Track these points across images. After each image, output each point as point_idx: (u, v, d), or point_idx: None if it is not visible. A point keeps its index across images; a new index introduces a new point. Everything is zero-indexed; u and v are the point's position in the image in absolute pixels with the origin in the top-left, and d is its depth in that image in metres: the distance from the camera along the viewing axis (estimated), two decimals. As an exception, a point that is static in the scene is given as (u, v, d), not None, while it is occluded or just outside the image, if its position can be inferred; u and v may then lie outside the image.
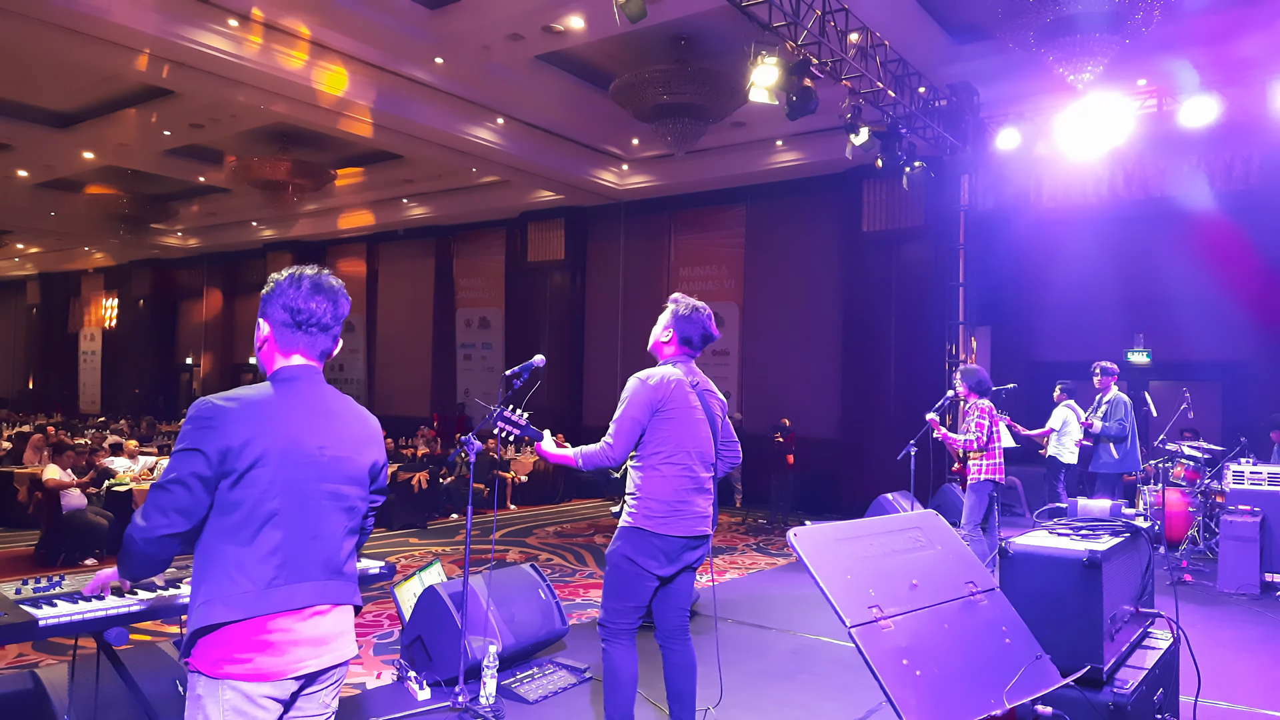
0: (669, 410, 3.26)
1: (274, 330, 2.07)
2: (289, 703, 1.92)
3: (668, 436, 3.26)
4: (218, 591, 1.84)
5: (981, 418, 6.19)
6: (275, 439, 1.92)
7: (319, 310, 2.07)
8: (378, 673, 4.87)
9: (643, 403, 3.24)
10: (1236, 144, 9.70)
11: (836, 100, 8.89)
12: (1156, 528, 7.89)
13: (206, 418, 1.89)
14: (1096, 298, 10.75)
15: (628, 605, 3.29)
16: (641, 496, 3.27)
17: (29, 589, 2.73)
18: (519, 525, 10.63)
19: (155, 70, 9.57)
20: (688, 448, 3.29)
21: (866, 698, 4.30)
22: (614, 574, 3.32)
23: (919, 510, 2.85)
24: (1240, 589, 6.73)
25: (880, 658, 2.01)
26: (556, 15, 9.01)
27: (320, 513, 1.98)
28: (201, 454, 1.86)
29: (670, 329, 3.44)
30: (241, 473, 1.87)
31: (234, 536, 1.87)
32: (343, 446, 2.04)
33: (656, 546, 3.24)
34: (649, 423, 3.25)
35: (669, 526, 3.23)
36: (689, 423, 3.31)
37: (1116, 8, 7.23)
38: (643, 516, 3.25)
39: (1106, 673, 2.50)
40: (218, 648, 1.83)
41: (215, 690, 1.83)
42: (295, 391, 2.03)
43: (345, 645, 2.02)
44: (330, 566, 1.99)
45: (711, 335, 3.47)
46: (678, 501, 3.25)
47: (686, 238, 15.00)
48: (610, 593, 3.33)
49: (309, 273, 2.11)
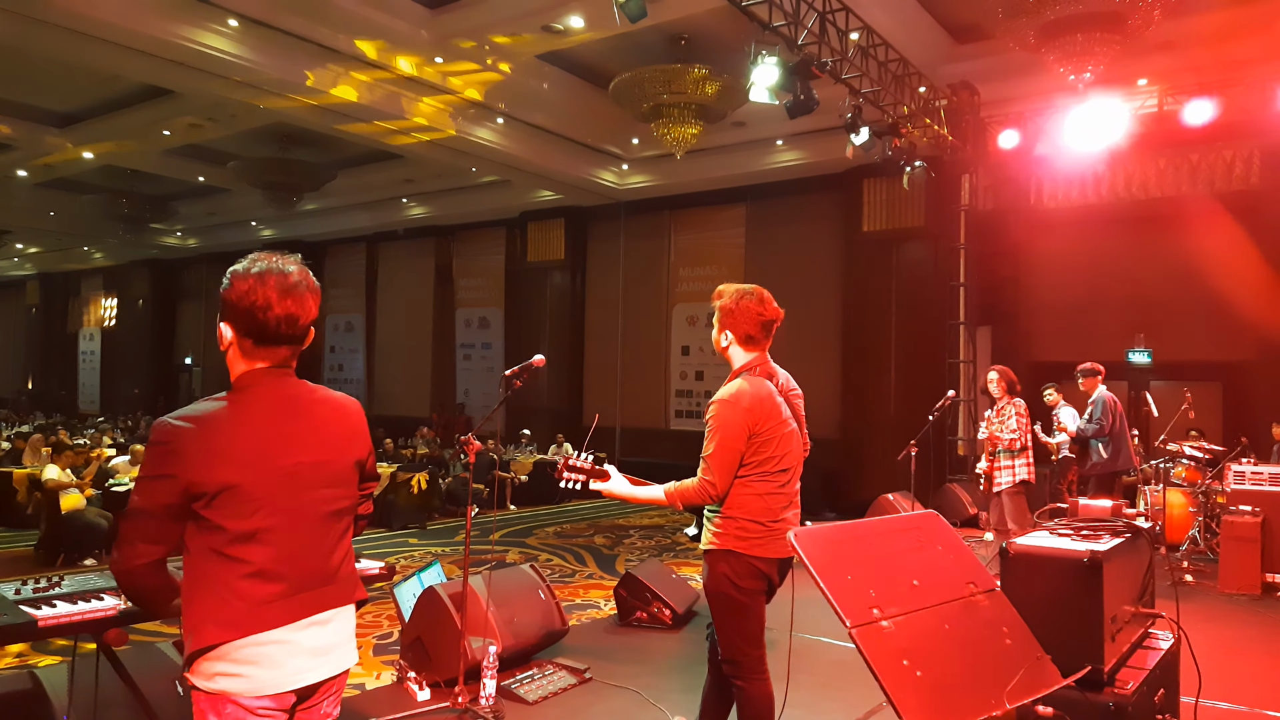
0: (764, 431, 2.94)
1: (235, 337, 1.88)
2: (290, 713, 1.90)
3: (765, 456, 2.95)
4: (210, 613, 1.78)
5: (1022, 417, 6.18)
6: (243, 454, 1.79)
7: (290, 320, 1.86)
8: (378, 673, 4.87)
9: (738, 431, 2.91)
10: (1236, 144, 9.70)
11: (836, 100, 8.89)
12: (1157, 528, 7.88)
13: (165, 442, 1.76)
14: (1096, 298, 10.75)
15: (755, 630, 2.99)
16: (734, 516, 2.93)
17: (29, 589, 2.72)
18: (519, 525, 10.63)
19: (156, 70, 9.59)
20: (783, 464, 2.99)
21: (866, 698, 4.30)
22: (723, 602, 2.96)
23: (919, 510, 2.85)
24: (1240, 589, 6.72)
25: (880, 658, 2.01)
26: (556, 15, 9.01)
27: (304, 522, 1.88)
28: (165, 478, 1.75)
29: (726, 329, 3.13)
30: (213, 495, 1.76)
31: (221, 556, 1.79)
32: (320, 450, 1.91)
33: (755, 569, 2.93)
34: (747, 448, 2.92)
35: (764, 548, 2.92)
36: (783, 436, 3.00)
37: (1116, 8, 7.23)
38: (734, 538, 2.92)
39: (1107, 673, 2.49)
40: (215, 664, 1.80)
41: (216, 705, 1.80)
42: (260, 399, 1.87)
43: (345, 654, 1.97)
44: (324, 573, 1.92)
45: (769, 318, 3.13)
46: (771, 521, 2.94)
47: (686, 238, 15.00)
48: (728, 625, 2.99)
49: (274, 269, 1.88)
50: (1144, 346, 9.76)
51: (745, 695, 3.02)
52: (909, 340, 11.83)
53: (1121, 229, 10.56)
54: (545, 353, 4.21)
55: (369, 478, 2.09)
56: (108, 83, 11.24)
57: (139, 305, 23.84)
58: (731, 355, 3.17)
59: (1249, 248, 9.69)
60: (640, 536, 9.90)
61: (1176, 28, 8.26)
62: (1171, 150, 9.92)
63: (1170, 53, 8.69)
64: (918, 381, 11.28)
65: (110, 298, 25.12)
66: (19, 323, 28.73)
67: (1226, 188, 9.88)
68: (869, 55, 8.44)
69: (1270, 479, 7.08)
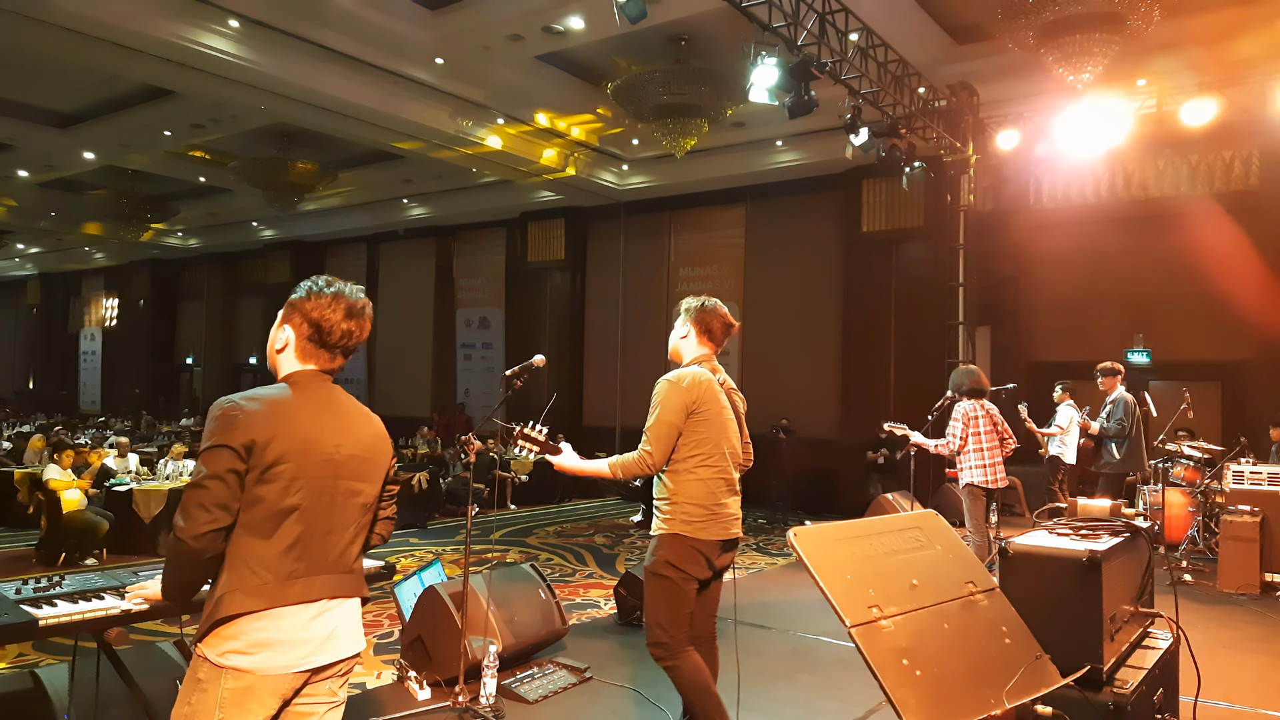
0: (703, 411, 3.18)
1: (297, 340, 2.11)
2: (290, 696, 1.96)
3: (704, 438, 3.18)
4: (238, 583, 1.89)
5: (954, 422, 6.20)
6: (296, 437, 1.97)
7: (348, 335, 2.13)
8: (378, 673, 4.87)
9: (677, 405, 3.15)
10: (1236, 144, 9.71)
11: (836, 100, 8.89)
12: (1156, 528, 7.89)
13: (232, 415, 1.93)
14: (1096, 298, 10.76)
15: (681, 615, 3.17)
16: (679, 501, 3.16)
17: (29, 589, 2.73)
18: (519, 525, 10.63)
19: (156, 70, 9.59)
20: (722, 449, 3.22)
21: (866, 698, 4.30)
22: (660, 584, 3.17)
23: (919, 510, 2.85)
24: (1240, 589, 6.73)
25: (880, 658, 2.01)
26: (556, 15, 9.01)
27: (336, 509, 2.03)
28: (231, 449, 1.90)
29: (690, 324, 3.41)
30: (266, 469, 1.92)
31: (255, 530, 1.92)
32: (357, 445, 2.10)
33: (699, 551, 3.15)
34: (684, 425, 3.16)
35: (708, 531, 3.15)
36: (721, 422, 3.24)
37: (1116, 8, 7.23)
38: (680, 522, 3.14)
39: (1106, 673, 2.50)
40: (229, 639, 1.88)
41: (218, 678, 1.87)
42: (311, 393, 2.08)
43: (353, 640, 2.07)
44: (343, 562, 2.06)
45: (731, 324, 3.43)
46: (714, 505, 3.17)
47: (686, 238, 15.00)
48: (659, 605, 3.17)
49: (346, 293, 2.15)
50: (1143, 346, 9.77)
51: (680, 672, 3.17)
52: (909, 340, 11.83)
53: (1121, 229, 10.56)
54: (545, 353, 4.21)
55: (392, 482, 2.26)
56: (108, 83, 11.24)
57: (139, 305, 23.84)
58: (684, 350, 3.44)
59: (1248, 248, 9.70)
60: (640, 536, 9.91)
61: (1176, 28, 8.26)
62: (1171, 150, 9.92)
63: (1170, 53, 8.69)
64: (917, 382, 11.28)
65: (111, 298, 25.12)
66: (19, 323, 28.73)
67: (1226, 188, 9.89)
68: (868, 56, 8.45)
69: (1269, 479, 7.09)
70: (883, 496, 9.13)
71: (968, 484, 6.19)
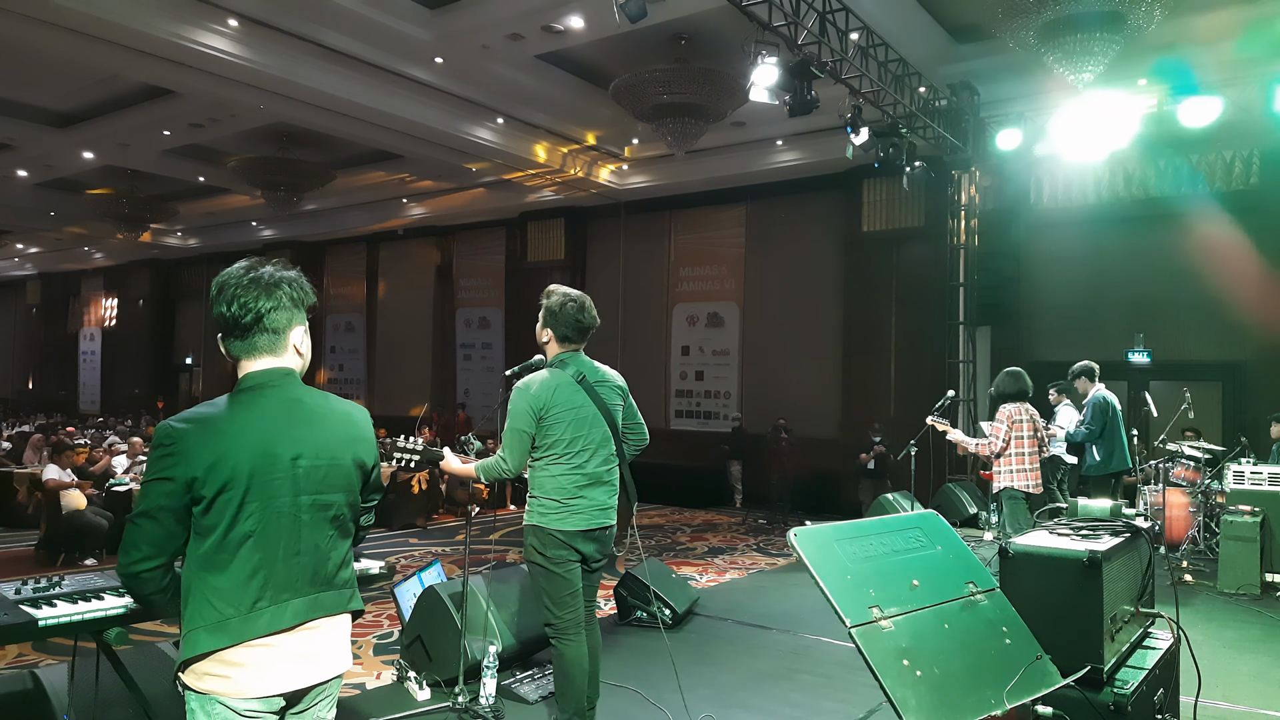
0: (553, 414, 3.38)
1: (223, 339, 1.94)
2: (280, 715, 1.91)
3: (557, 439, 3.40)
4: (200, 620, 1.81)
5: (998, 423, 6.19)
6: (242, 457, 1.82)
7: (257, 307, 1.90)
8: (378, 673, 4.87)
9: (523, 412, 3.37)
10: (1236, 144, 9.71)
11: (836, 100, 8.88)
12: (1157, 528, 7.88)
13: (166, 444, 1.80)
14: (1096, 298, 10.75)
15: (563, 595, 3.43)
16: (537, 495, 3.46)
17: (29, 589, 2.72)
18: (519, 525, 10.61)
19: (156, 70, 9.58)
20: (578, 445, 3.42)
21: (866, 698, 4.30)
22: (535, 570, 3.49)
23: (919, 510, 2.85)
24: (1240, 589, 6.72)
25: (880, 658, 2.01)
26: (556, 15, 9.00)
27: (301, 528, 1.89)
28: (166, 482, 1.78)
29: (545, 328, 3.52)
30: (211, 498, 1.79)
31: (211, 562, 1.81)
32: (322, 453, 1.93)
33: (559, 539, 3.41)
34: (536, 429, 3.38)
35: (565, 521, 3.40)
36: (575, 421, 3.42)
37: (1116, 8, 7.22)
38: (538, 514, 3.45)
39: (1107, 673, 2.50)
40: (205, 665, 1.82)
41: (206, 706, 1.83)
42: (260, 402, 1.90)
43: (336, 659, 1.97)
44: (319, 579, 1.92)
45: (586, 324, 3.49)
46: (569, 498, 3.41)
47: (686, 238, 14.99)
48: (541, 589, 3.47)
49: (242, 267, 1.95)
50: (1144, 346, 9.76)
51: (565, 658, 3.42)
52: (909, 340, 11.83)
53: (1121, 229, 10.56)
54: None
55: (374, 489, 2.10)
56: (107, 82, 11.23)
57: (139, 305, 23.83)
58: (547, 350, 3.59)
59: (1249, 248, 9.70)
60: (640, 536, 9.91)
61: (1176, 28, 8.26)
62: (1171, 150, 9.92)
63: (1170, 53, 8.68)
64: (918, 382, 11.29)
65: (110, 298, 25.10)
66: (19, 323, 28.70)
67: (1226, 188, 9.88)
68: (869, 55, 8.45)
69: (1270, 479, 7.09)
70: (883, 496, 9.15)
71: (1007, 488, 6.17)
